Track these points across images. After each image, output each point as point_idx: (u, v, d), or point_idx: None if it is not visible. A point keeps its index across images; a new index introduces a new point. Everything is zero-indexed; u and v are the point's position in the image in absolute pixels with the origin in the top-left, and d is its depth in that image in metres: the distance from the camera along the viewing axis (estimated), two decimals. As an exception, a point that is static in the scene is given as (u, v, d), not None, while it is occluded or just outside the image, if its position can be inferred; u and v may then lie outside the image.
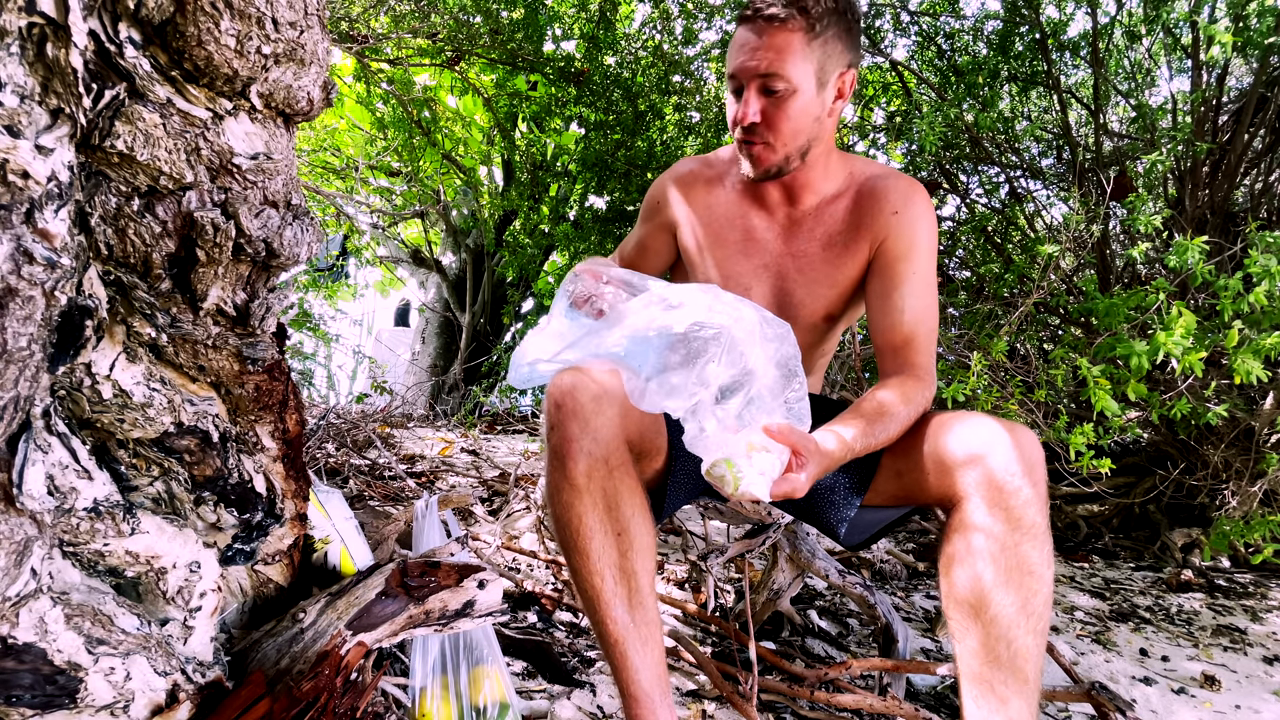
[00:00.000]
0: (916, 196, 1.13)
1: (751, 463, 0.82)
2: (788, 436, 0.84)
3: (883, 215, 1.13)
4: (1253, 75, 2.52)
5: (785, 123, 1.08)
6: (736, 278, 1.21)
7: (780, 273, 1.20)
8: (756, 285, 1.21)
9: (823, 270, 1.18)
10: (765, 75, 1.05)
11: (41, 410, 0.67)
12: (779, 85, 1.05)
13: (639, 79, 3.76)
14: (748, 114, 1.07)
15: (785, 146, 1.10)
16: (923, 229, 1.12)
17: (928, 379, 1.07)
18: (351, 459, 2.66)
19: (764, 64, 1.05)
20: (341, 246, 5.64)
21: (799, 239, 1.19)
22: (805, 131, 1.10)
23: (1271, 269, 1.64)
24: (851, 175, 1.19)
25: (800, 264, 1.19)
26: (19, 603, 0.63)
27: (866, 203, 1.15)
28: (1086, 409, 2.18)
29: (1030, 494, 0.87)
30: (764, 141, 1.09)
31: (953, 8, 3.03)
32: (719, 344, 0.84)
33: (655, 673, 0.93)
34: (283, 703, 0.81)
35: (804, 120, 1.09)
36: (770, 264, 1.20)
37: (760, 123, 1.08)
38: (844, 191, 1.18)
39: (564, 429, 0.91)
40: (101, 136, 0.66)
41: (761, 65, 1.05)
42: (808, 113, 1.09)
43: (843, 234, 1.16)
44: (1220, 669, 1.70)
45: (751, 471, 0.82)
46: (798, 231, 1.19)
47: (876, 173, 1.18)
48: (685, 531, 2.15)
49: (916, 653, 1.63)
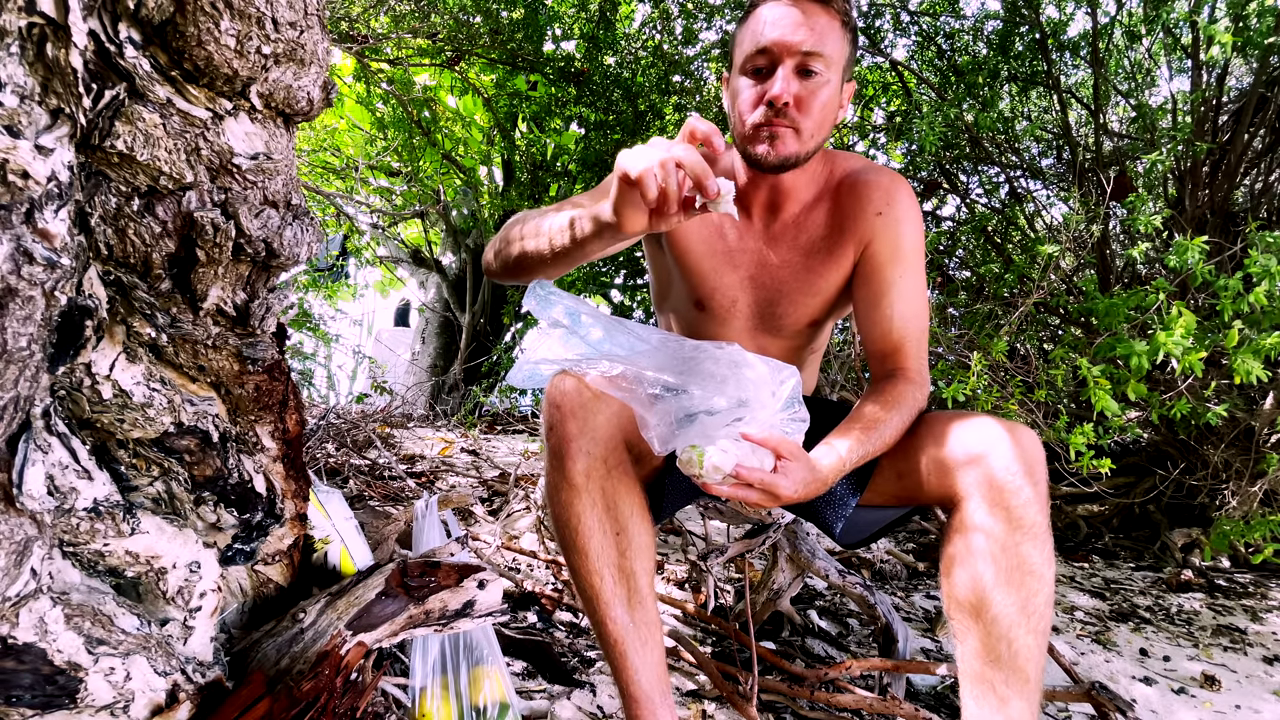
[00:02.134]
0: (899, 194, 1.08)
1: (722, 448, 0.81)
2: (769, 440, 0.83)
3: (865, 217, 1.08)
4: (1253, 75, 2.52)
5: (816, 111, 1.01)
6: (725, 289, 1.17)
7: (765, 283, 1.15)
8: (743, 296, 1.17)
9: (807, 279, 1.13)
10: (808, 54, 0.98)
11: (41, 410, 0.67)
12: (818, 67, 0.99)
13: (639, 79, 3.77)
14: (787, 90, 0.98)
15: (812, 137, 1.02)
16: (908, 228, 1.07)
17: (920, 380, 1.05)
18: (351, 459, 2.66)
19: (808, 41, 0.97)
20: (341, 246, 5.64)
21: (782, 248, 1.14)
22: (827, 128, 1.04)
23: (1271, 269, 1.64)
24: (830, 175, 1.13)
25: (785, 274, 1.14)
26: (19, 603, 0.63)
27: (848, 204, 1.09)
28: (1086, 409, 2.18)
29: (1031, 494, 0.86)
30: (793, 126, 1.00)
31: (953, 8, 3.03)
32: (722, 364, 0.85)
33: (655, 673, 0.93)
34: (283, 703, 0.81)
35: (830, 114, 1.03)
36: (756, 275, 1.16)
37: (793, 105, 0.99)
38: (823, 194, 1.12)
39: (563, 429, 0.91)
40: (101, 136, 0.66)
41: (806, 42, 0.97)
42: (833, 107, 1.03)
43: (825, 240, 1.11)
44: (1220, 669, 1.70)
45: (719, 452, 0.81)
46: (780, 240, 1.14)
47: (854, 169, 1.12)
48: (685, 531, 2.15)
49: (916, 653, 1.63)
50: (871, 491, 1.08)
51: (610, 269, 4.21)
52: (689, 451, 0.82)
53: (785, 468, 0.84)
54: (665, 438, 0.85)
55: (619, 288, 4.43)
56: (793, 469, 0.84)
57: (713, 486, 0.83)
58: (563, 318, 0.94)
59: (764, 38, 0.99)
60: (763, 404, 0.85)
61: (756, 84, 1.01)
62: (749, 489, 0.83)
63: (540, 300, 0.94)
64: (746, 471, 0.81)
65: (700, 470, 0.81)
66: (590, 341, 0.93)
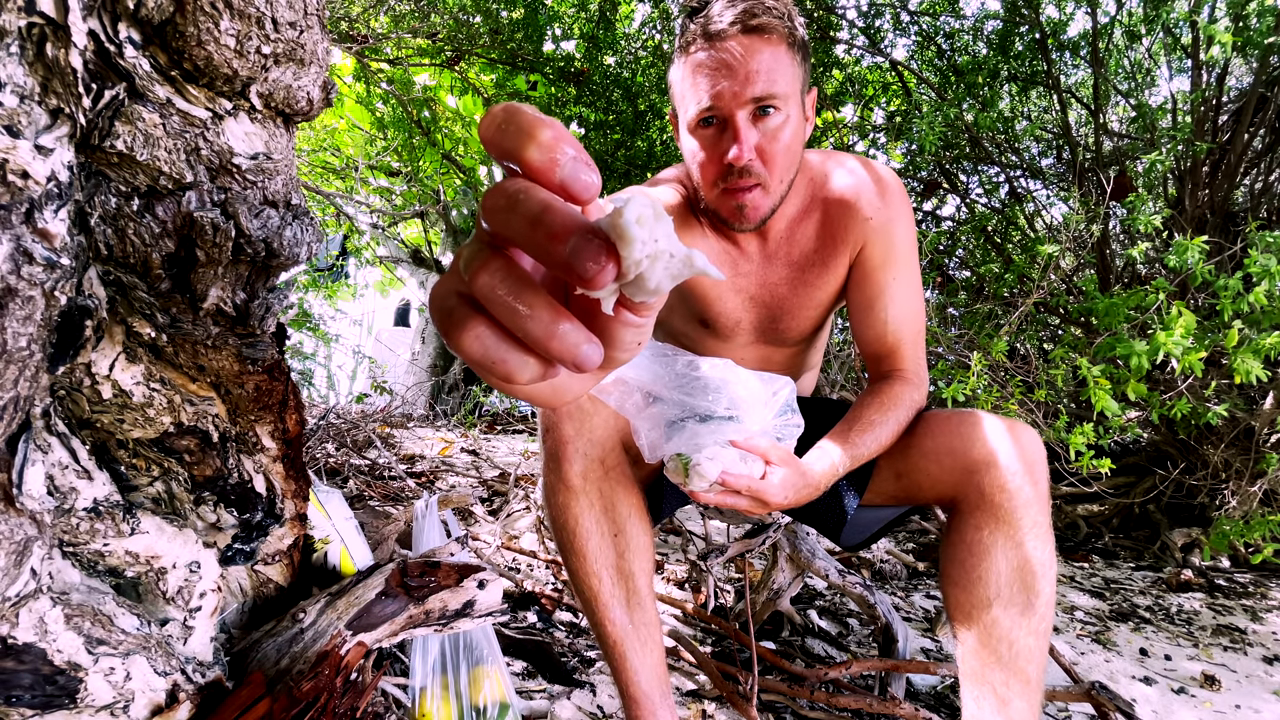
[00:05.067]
0: (889, 194, 1.04)
1: (708, 456, 0.81)
2: (757, 446, 0.82)
3: (856, 224, 1.04)
4: (1253, 75, 2.52)
5: (781, 155, 0.93)
6: (729, 313, 1.14)
7: (766, 301, 1.13)
8: (746, 316, 1.15)
9: (805, 292, 1.11)
10: (760, 99, 0.89)
11: (41, 410, 0.67)
12: (775, 108, 0.90)
13: (639, 79, 3.77)
14: (746, 149, 0.89)
15: (780, 185, 0.95)
16: (899, 230, 1.04)
17: (917, 380, 1.05)
18: (351, 459, 2.66)
19: (758, 86, 0.88)
20: (341, 246, 5.64)
21: (778, 264, 1.10)
22: (795, 163, 0.97)
23: (1271, 269, 1.64)
24: (812, 183, 1.07)
25: (783, 290, 1.12)
26: (19, 603, 0.63)
27: (837, 214, 1.05)
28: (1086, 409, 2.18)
29: (1031, 493, 0.86)
30: (759, 183, 0.93)
31: (953, 8, 3.03)
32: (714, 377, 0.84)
33: (655, 673, 0.93)
34: (283, 703, 0.81)
35: (796, 149, 0.95)
36: (757, 294, 1.13)
37: (755, 159, 0.92)
38: (811, 204, 1.07)
39: (559, 431, 0.91)
40: (101, 136, 0.66)
41: (755, 88, 0.88)
42: (799, 140, 0.95)
43: (818, 252, 1.07)
44: (1220, 669, 1.70)
45: (705, 460, 0.80)
46: (775, 258, 1.10)
47: (839, 173, 1.06)
48: (685, 531, 2.15)
49: (916, 653, 1.63)
50: (871, 491, 1.08)
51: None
52: (675, 460, 0.82)
53: (774, 474, 0.83)
54: (655, 445, 0.84)
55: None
56: (782, 475, 0.83)
57: (700, 495, 0.82)
58: None
59: (706, 97, 0.90)
60: (754, 413, 0.84)
61: (711, 139, 0.93)
62: (738, 496, 0.82)
63: None
64: (733, 479, 0.80)
65: (686, 478, 0.81)
66: None
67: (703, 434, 0.82)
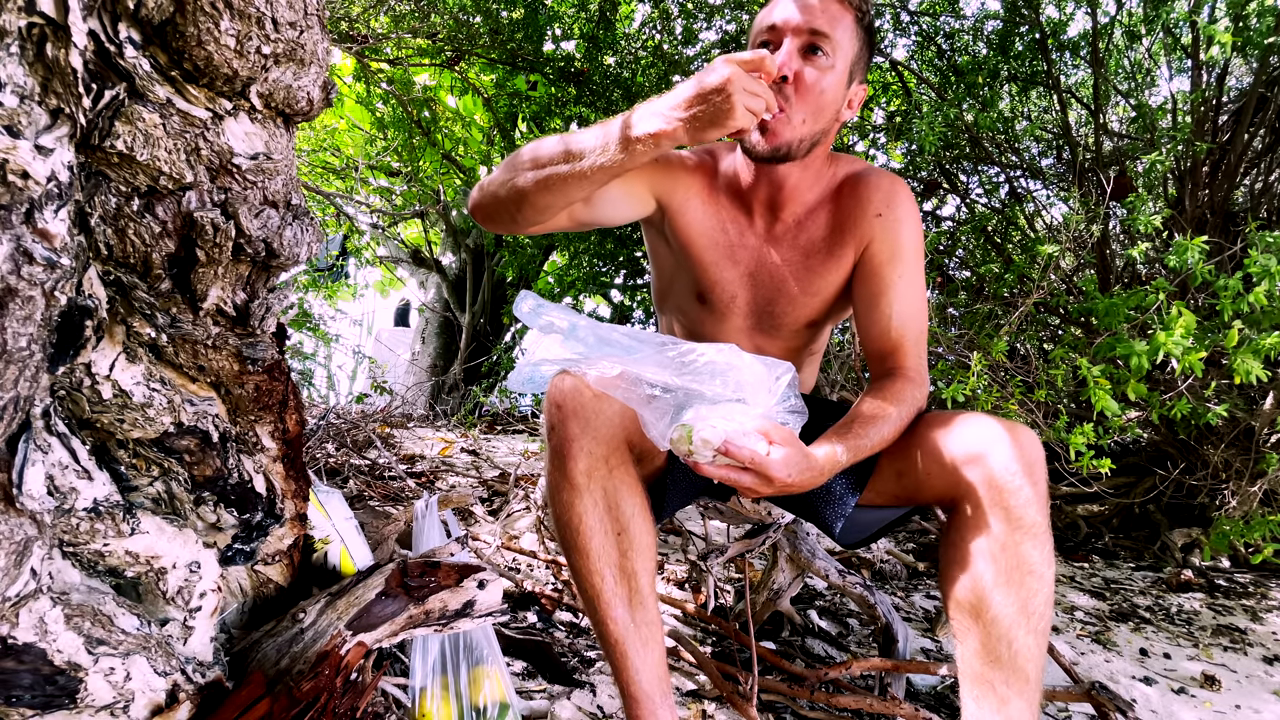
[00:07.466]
0: (900, 196, 1.09)
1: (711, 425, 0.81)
2: (762, 426, 0.83)
3: (866, 219, 1.08)
4: (1253, 75, 2.52)
5: (814, 96, 0.99)
6: (725, 284, 1.17)
7: (764, 281, 1.16)
8: (741, 293, 1.17)
9: (807, 279, 1.14)
10: (815, 33, 0.98)
11: (41, 410, 0.67)
12: (825, 49, 0.98)
13: (639, 79, 3.76)
14: (789, 64, 0.97)
15: (805, 124, 1.01)
16: (907, 230, 1.08)
17: (919, 379, 1.05)
18: (351, 459, 2.66)
19: (818, 21, 0.98)
20: (341, 246, 5.64)
21: (783, 248, 1.14)
22: (826, 117, 1.03)
23: (1271, 269, 1.64)
24: (833, 177, 1.14)
25: (784, 273, 1.15)
26: (19, 603, 0.63)
27: (848, 207, 1.10)
28: (1086, 409, 2.18)
29: (1030, 493, 0.86)
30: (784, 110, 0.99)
31: (953, 8, 3.03)
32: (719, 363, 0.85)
33: (656, 673, 0.93)
34: (283, 703, 0.81)
35: (831, 102, 1.02)
36: (755, 272, 1.16)
37: (791, 82, 0.98)
38: (826, 196, 1.13)
39: (564, 429, 0.91)
40: (101, 136, 0.66)
41: (815, 21, 0.98)
42: (836, 96, 1.02)
43: (826, 241, 1.12)
44: (1220, 669, 1.70)
45: (708, 428, 0.80)
46: (781, 241, 1.14)
47: (856, 172, 1.13)
48: (685, 531, 2.15)
49: (916, 653, 1.63)
50: (871, 491, 1.08)
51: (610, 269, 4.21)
52: (679, 429, 0.82)
53: (777, 451, 0.83)
54: (664, 433, 0.85)
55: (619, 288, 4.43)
56: (785, 453, 0.83)
57: (704, 466, 0.82)
58: (558, 319, 0.94)
59: (772, 16, 1.00)
60: (758, 398, 0.85)
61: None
62: (742, 471, 0.82)
63: (531, 312, 0.95)
64: (736, 448, 0.80)
65: (690, 447, 0.81)
66: (588, 344, 0.93)
67: (709, 413, 0.83)
